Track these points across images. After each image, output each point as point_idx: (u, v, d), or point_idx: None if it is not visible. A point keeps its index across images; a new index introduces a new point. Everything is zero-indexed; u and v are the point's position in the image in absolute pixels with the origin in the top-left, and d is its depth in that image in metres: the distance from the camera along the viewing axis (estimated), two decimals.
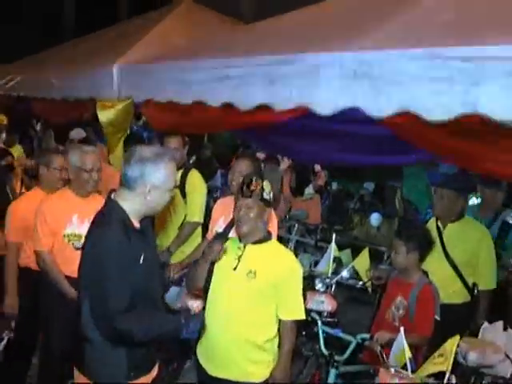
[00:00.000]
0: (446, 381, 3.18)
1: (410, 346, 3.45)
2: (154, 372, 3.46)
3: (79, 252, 4.29)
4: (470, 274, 4.88)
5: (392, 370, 3.39)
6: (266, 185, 3.77)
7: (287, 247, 7.78)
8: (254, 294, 3.70)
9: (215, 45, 5.04)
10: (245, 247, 3.77)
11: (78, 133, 8.22)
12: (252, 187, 3.70)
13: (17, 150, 9.10)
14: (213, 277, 3.84)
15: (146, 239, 3.32)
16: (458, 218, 4.95)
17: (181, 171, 5.32)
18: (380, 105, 3.15)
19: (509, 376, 3.38)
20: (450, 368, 3.16)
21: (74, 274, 4.14)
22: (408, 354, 3.34)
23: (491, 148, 3.26)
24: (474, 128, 3.06)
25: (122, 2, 22.39)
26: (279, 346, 3.86)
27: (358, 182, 9.47)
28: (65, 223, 4.61)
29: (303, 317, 3.89)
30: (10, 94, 8.34)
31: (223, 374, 3.76)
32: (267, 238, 3.85)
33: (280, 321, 3.82)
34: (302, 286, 3.88)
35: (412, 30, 3.46)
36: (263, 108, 3.78)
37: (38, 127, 10.81)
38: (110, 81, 5.63)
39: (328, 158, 4.84)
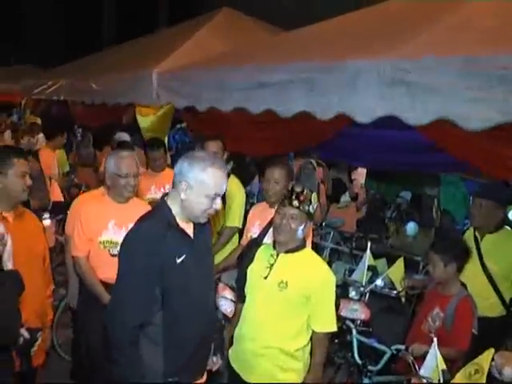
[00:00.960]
0: None
1: (446, 360, 3.44)
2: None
3: (116, 259, 4.40)
4: (507, 288, 4.78)
5: (424, 380, 3.40)
6: (314, 197, 3.75)
7: (321, 255, 7.83)
8: (286, 304, 3.66)
9: (255, 52, 5.11)
10: (277, 255, 3.71)
11: (121, 136, 8.36)
12: (301, 198, 3.63)
13: (60, 154, 9.26)
14: (247, 281, 3.83)
15: (193, 242, 3.20)
16: (496, 230, 4.85)
17: None
18: (417, 113, 3.20)
19: None
20: (484, 382, 3.17)
21: (111, 280, 4.14)
22: (441, 365, 3.34)
23: None
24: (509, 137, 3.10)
25: (163, 11, 22.56)
26: (311, 354, 3.83)
27: (395, 189, 9.42)
28: (100, 230, 4.49)
29: (335, 329, 3.84)
30: (50, 99, 8.49)
31: (255, 380, 3.73)
32: (301, 246, 3.77)
33: (312, 331, 3.78)
34: (334, 297, 3.83)
35: (451, 37, 3.51)
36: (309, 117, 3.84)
37: (79, 132, 10.95)
38: (149, 87, 5.75)
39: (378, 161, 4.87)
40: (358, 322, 4.51)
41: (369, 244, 4.95)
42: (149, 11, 21.47)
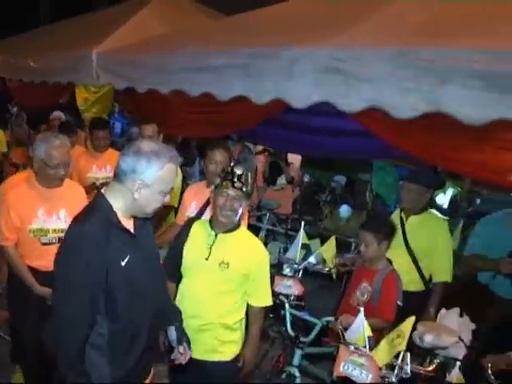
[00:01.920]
0: (400, 358, 3.38)
1: (374, 330, 3.61)
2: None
3: (48, 247, 4.32)
4: (427, 266, 5.04)
5: (351, 347, 3.54)
6: (250, 177, 3.89)
7: (258, 236, 7.98)
8: (226, 282, 3.82)
9: (195, 36, 5.14)
10: (216, 236, 3.82)
11: (58, 115, 8.28)
12: (242, 179, 3.74)
13: None
14: (184, 261, 3.88)
15: (136, 240, 3.03)
16: (421, 211, 5.10)
17: None
18: (351, 100, 3.34)
19: (461, 358, 3.58)
20: (404, 347, 3.35)
21: (43, 268, 4.25)
22: (367, 332, 3.50)
23: (453, 146, 3.45)
24: (437, 126, 3.26)
25: None
26: (247, 327, 4.02)
27: (329, 175, 9.61)
28: (30, 218, 4.31)
29: (270, 303, 4.05)
30: None
31: (195, 355, 3.75)
32: (237, 226, 3.91)
33: (249, 305, 3.98)
34: (269, 274, 4.01)
35: (384, 29, 3.64)
36: (244, 100, 3.95)
37: (14, 110, 10.75)
38: (89, 67, 5.70)
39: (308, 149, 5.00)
40: (292, 297, 4.66)
41: (302, 223, 5.08)
42: None
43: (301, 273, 4.88)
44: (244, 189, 3.76)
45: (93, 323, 2.91)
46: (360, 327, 3.52)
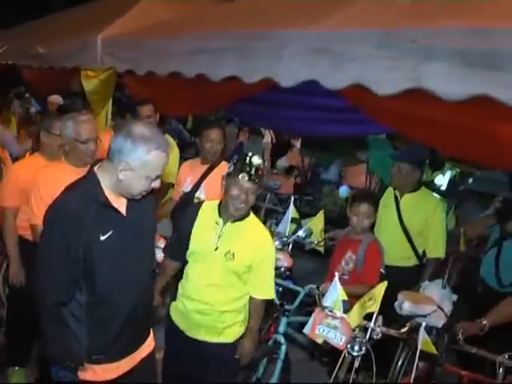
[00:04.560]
0: (373, 320, 3.45)
1: (359, 296, 3.65)
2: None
3: None
4: (421, 242, 5.08)
5: (326, 310, 3.60)
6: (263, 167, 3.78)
7: (258, 215, 8.04)
8: (231, 272, 3.72)
9: (193, 20, 5.21)
10: (225, 224, 3.69)
11: (56, 98, 8.31)
12: (259, 173, 3.61)
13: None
14: (191, 245, 3.76)
15: (123, 218, 3.01)
16: (414, 190, 5.12)
17: None
18: (336, 78, 3.37)
19: (440, 326, 3.64)
20: (377, 309, 3.42)
21: None
22: (342, 296, 3.58)
23: (434, 123, 3.48)
24: (419, 103, 3.29)
25: None
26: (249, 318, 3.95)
27: (328, 156, 9.62)
28: None
29: (273, 297, 3.97)
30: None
31: (203, 336, 3.82)
32: (248, 214, 3.76)
33: (250, 297, 3.86)
34: (273, 267, 3.89)
35: (369, 13, 3.68)
36: (235, 81, 3.98)
37: (27, 95, 10.80)
38: (94, 52, 5.75)
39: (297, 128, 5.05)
40: (282, 268, 4.71)
41: (292, 198, 5.17)
42: None
43: (290, 246, 4.93)
44: (259, 182, 3.63)
45: (68, 289, 2.93)
46: (335, 292, 3.58)
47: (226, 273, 3.70)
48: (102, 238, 2.89)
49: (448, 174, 8.05)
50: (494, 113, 3.08)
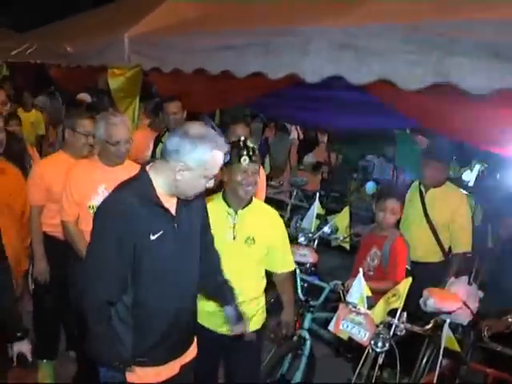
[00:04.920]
0: (397, 317, 3.43)
1: (384, 292, 3.66)
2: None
3: None
4: (447, 237, 5.05)
5: (350, 306, 3.62)
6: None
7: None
8: (254, 257, 3.78)
9: (218, 18, 5.19)
10: (236, 213, 3.74)
11: (83, 97, 8.39)
12: (256, 153, 3.67)
13: (32, 115, 9.26)
14: None
15: (174, 218, 2.97)
16: (440, 184, 5.09)
17: None
18: (361, 74, 3.36)
19: (466, 323, 3.60)
20: (401, 306, 3.41)
21: None
22: (366, 292, 3.58)
23: (462, 116, 3.44)
24: (446, 97, 3.26)
25: None
26: (280, 293, 4.06)
27: (356, 151, 9.59)
28: (90, 194, 4.27)
29: (294, 267, 4.11)
30: (28, 62, 8.45)
31: (226, 331, 3.75)
32: (251, 199, 3.83)
33: (275, 274, 3.97)
34: (288, 239, 4.00)
35: (392, 7, 3.64)
36: (260, 76, 3.98)
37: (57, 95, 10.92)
38: (121, 50, 5.76)
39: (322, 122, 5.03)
40: (308, 265, 4.76)
41: (317, 194, 5.15)
42: None
43: (316, 242, 4.92)
44: (258, 161, 3.68)
45: (117, 290, 2.90)
46: (359, 288, 3.58)
47: (248, 259, 3.77)
48: (153, 237, 2.87)
49: (476, 170, 7.97)
50: None
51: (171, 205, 2.96)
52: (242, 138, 3.71)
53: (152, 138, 6.29)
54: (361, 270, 3.67)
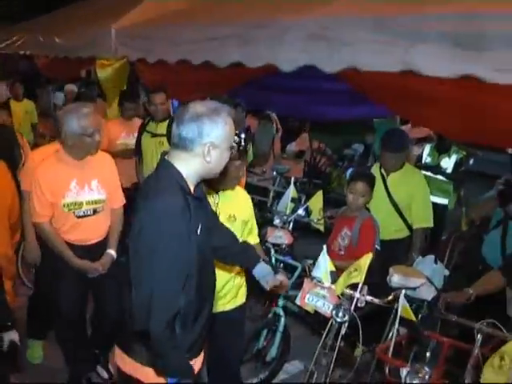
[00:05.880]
0: (358, 290, 3.61)
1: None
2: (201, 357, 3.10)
3: (82, 219, 4.24)
4: (409, 215, 5.24)
5: (315, 280, 3.77)
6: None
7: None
8: (236, 234, 3.82)
9: (200, 11, 5.33)
10: (217, 193, 3.84)
11: (70, 88, 8.50)
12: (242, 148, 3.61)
13: (25, 105, 9.33)
14: None
15: (203, 205, 2.89)
16: (400, 168, 5.28)
17: (166, 122, 5.60)
18: (332, 62, 3.54)
19: (430, 299, 3.76)
20: (362, 279, 3.57)
21: (78, 242, 4.26)
22: (330, 267, 3.73)
23: (428, 101, 3.62)
24: (412, 82, 3.43)
25: None
26: None
27: (337, 140, 9.74)
28: (63, 192, 4.13)
29: (259, 240, 4.19)
30: (16, 53, 8.53)
31: (221, 308, 3.92)
32: None
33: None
34: None
35: (363, 1, 3.84)
36: (239, 66, 4.15)
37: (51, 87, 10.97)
38: (108, 42, 5.89)
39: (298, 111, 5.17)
40: (283, 245, 4.89)
41: (292, 178, 5.27)
42: None
43: (291, 224, 5.07)
44: (243, 154, 3.76)
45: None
46: (324, 263, 3.73)
47: None
48: (199, 232, 2.75)
49: (454, 157, 8.12)
50: (482, 91, 3.20)
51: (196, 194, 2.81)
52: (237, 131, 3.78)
53: (123, 126, 6.55)
54: (325, 246, 3.80)
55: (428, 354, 3.88)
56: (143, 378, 2.84)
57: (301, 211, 5.13)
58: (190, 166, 2.69)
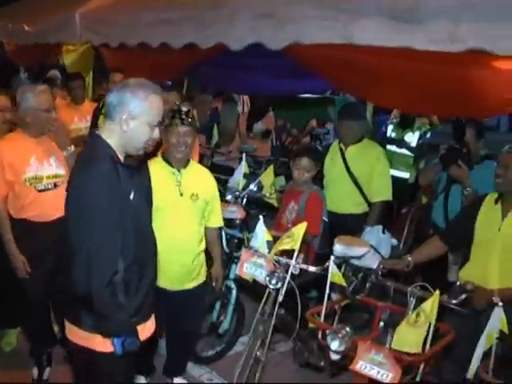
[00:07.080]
0: (294, 258, 3.64)
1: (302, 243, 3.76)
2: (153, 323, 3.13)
3: (43, 193, 4.24)
4: (368, 189, 5.23)
5: (252, 250, 3.80)
6: (195, 114, 4.05)
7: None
8: (197, 212, 4.00)
9: None
10: (179, 171, 3.91)
11: (54, 74, 8.47)
12: (190, 115, 3.87)
13: None
14: (155, 201, 3.78)
15: (134, 175, 2.96)
16: (358, 141, 5.29)
17: None
18: (277, 39, 3.66)
19: (374, 267, 3.75)
20: (297, 247, 3.59)
21: (41, 218, 4.22)
22: (266, 237, 3.77)
23: (369, 75, 3.72)
24: (351, 58, 3.53)
25: None
26: (210, 250, 4.26)
27: (301, 116, 9.72)
28: (23, 168, 4.14)
29: (222, 223, 4.33)
30: None
31: (180, 287, 4.00)
32: (189, 160, 4.01)
33: (206, 229, 4.15)
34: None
35: None
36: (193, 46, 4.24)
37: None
38: (73, 27, 5.86)
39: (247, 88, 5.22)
40: (236, 220, 4.94)
41: (244, 155, 5.32)
42: None
43: (244, 199, 5.15)
44: (193, 124, 3.88)
45: (119, 256, 2.75)
46: (260, 233, 3.79)
47: (193, 215, 4.00)
48: (131, 197, 2.83)
49: (417, 132, 8.21)
50: (419, 61, 3.31)
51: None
52: (177, 103, 3.97)
53: (74, 111, 6.50)
54: (261, 216, 3.85)
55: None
56: (93, 345, 2.84)
57: (252, 186, 5.16)
58: (113, 135, 2.80)
